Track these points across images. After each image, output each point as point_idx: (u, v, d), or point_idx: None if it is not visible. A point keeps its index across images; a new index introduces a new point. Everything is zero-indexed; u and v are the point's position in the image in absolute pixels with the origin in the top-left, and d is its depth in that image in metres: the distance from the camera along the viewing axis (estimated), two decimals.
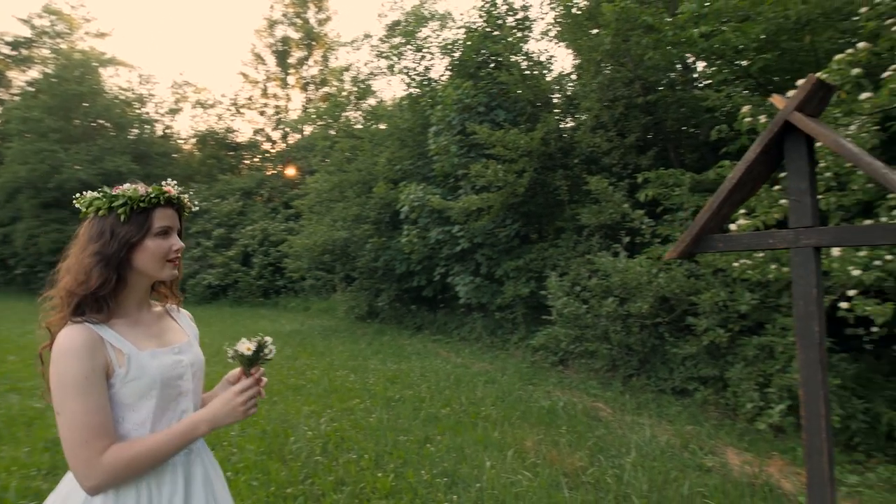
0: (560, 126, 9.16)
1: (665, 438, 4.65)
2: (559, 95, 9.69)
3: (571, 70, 9.73)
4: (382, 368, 7.53)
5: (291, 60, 28.52)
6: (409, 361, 8.04)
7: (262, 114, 28.81)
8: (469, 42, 10.03)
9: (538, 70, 9.81)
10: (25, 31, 28.50)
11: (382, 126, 14.09)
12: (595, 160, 8.42)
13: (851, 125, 3.79)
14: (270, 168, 26.64)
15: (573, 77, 9.59)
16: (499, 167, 8.23)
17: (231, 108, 28.56)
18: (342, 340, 10.16)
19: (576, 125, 9.13)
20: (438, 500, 3.43)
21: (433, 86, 11.89)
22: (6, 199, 23.60)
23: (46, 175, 22.10)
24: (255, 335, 1.42)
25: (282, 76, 28.74)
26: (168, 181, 1.42)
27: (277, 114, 28.72)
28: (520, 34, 10.03)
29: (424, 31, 12.51)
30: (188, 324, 1.56)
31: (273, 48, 28.24)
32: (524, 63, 9.88)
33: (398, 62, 12.84)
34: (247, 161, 28.53)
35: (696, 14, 5.78)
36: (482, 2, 10.06)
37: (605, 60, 7.88)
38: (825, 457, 1.68)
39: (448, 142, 9.54)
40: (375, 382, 6.68)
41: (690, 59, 7.69)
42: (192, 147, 28.63)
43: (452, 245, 9.65)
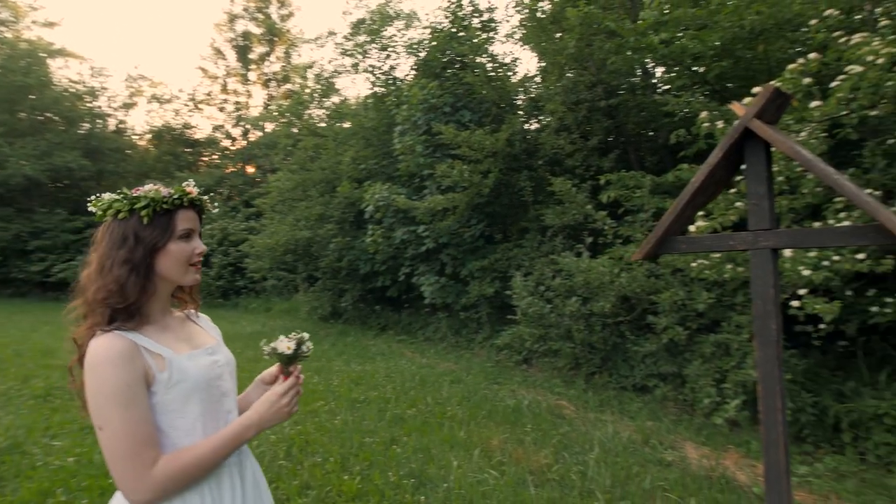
0: (524, 128, 9.27)
1: (627, 434, 4.76)
2: (524, 97, 9.80)
3: (536, 73, 9.86)
4: (347, 369, 7.46)
5: (252, 56, 27.97)
6: (374, 362, 7.99)
7: (222, 110, 28.16)
8: (435, 42, 10.04)
9: (503, 72, 9.90)
10: None
11: (347, 124, 13.95)
12: (559, 162, 8.56)
13: (802, 132, 3.97)
14: (230, 166, 26.02)
15: (537, 80, 9.71)
16: (464, 167, 8.27)
17: (189, 104, 27.81)
18: None
19: (540, 127, 9.25)
20: (406, 502, 3.42)
21: (398, 85, 11.85)
22: None
23: None
24: (294, 332, 1.40)
25: (242, 72, 28.15)
26: (189, 182, 1.35)
27: (238, 110, 28.11)
28: (485, 36, 10.10)
29: (389, 30, 12.47)
30: (211, 326, 1.52)
31: (233, 43, 27.63)
32: (489, 64, 9.96)
33: (363, 60, 12.75)
34: (205, 158, 27.81)
35: (657, 21, 5.95)
36: (448, 2, 10.09)
37: (569, 64, 8.02)
38: (781, 449, 1.75)
39: (413, 141, 9.53)
40: (340, 384, 6.61)
41: (650, 65, 7.91)
42: (148, 143, 27.71)
43: (417, 245, 9.64)
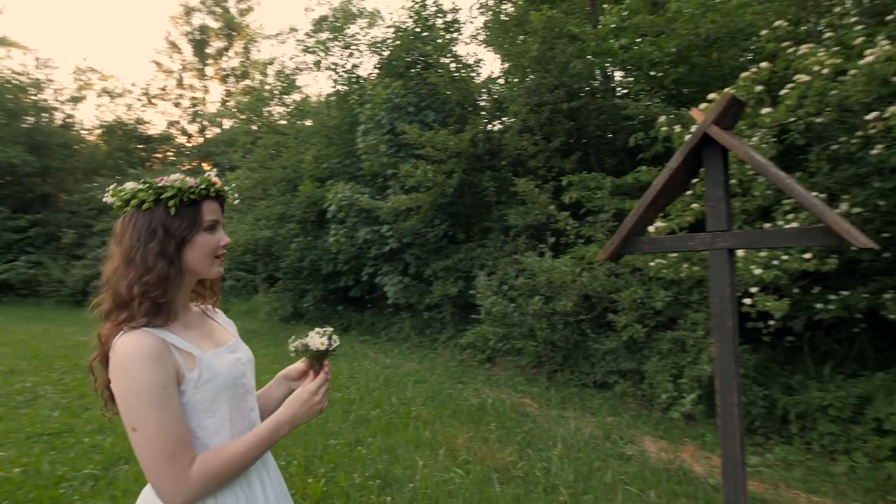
0: (488, 128, 9.35)
1: (588, 430, 4.87)
2: (487, 98, 9.88)
3: (499, 74, 9.96)
4: None
5: (210, 51, 27.26)
6: (337, 363, 7.91)
7: (178, 105, 27.36)
8: (398, 42, 10.01)
9: (467, 73, 9.96)
10: None
11: (308, 123, 13.76)
12: (522, 162, 8.67)
13: (754, 137, 4.15)
14: (186, 163, 25.26)
15: (500, 81, 9.81)
16: (428, 167, 8.28)
17: (142, 99, 26.87)
18: (265, 343, 9.82)
19: (503, 128, 9.35)
20: (372, 503, 3.41)
21: (362, 84, 11.76)
22: None
23: None
24: (323, 328, 1.38)
25: (199, 66, 27.38)
26: (212, 171, 1.32)
27: (194, 106, 27.34)
28: (449, 36, 10.13)
29: (352, 28, 12.36)
30: (227, 321, 1.47)
31: (190, 37, 26.86)
32: (453, 65, 10.00)
33: (325, 58, 12.60)
34: (159, 155, 26.92)
35: (616, 27, 6.11)
36: (412, 2, 10.08)
37: (532, 67, 8.13)
38: (737, 441, 1.83)
39: (377, 141, 9.47)
40: None
41: (610, 70, 8.10)
42: (98, 138, 26.61)
43: (381, 245, 9.60)
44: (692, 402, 4.87)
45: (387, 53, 10.50)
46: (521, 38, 8.09)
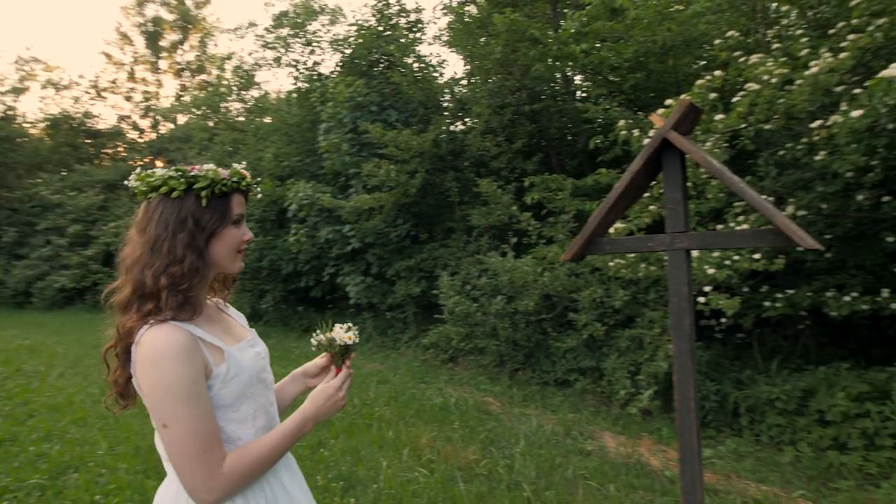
0: (451, 129, 9.39)
1: (550, 427, 4.96)
2: (450, 99, 9.92)
3: (462, 76, 10.01)
4: None
5: (164, 43, 26.36)
6: (298, 364, 7.75)
7: (129, 99, 26.32)
8: (361, 40, 9.94)
9: (430, 73, 9.97)
10: None
11: (268, 120, 13.49)
12: (484, 163, 8.74)
13: (707, 142, 4.31)
14: (138, 159, 24.34)
15: (464, 82, 9.87)
16: (391, 167, 8.26)
17: (91, 91, 25.73)
18: None
19: (466, 129, 9.41)
20: None
21: (323, 82, 11.62)
22: None
23: None
24: (344, 324, 1.37)
25: (152, 59, 26.44)
26: (242, 164, 1.27)
27: (147, 100, 26.38)
28: (412, 36, 10.12)
29: (314, 25, 12.20)
30: (238, 314, 1.44)
31: (142, 28, 25.89)
32: (416, 65, 9.99)
33: (285, 54, 12.40)
34: (109, 150, 25.84)
35: (577, 32, 6.24)
36: (375, 0, 10.02)
37: (495, 69, 8.21)
38: (694, 433, 1.91)
39: (339, 139, 9.38)
40: None
41: (570, 73, 8.27)
42: (42, 132, 25.33)
43: (343, 245, 9.50)
44: (649, 398, 5.02)
45: (349, 51, 10.40)
46: (484, 40, 8.16)
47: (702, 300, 4.38)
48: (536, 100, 8.33)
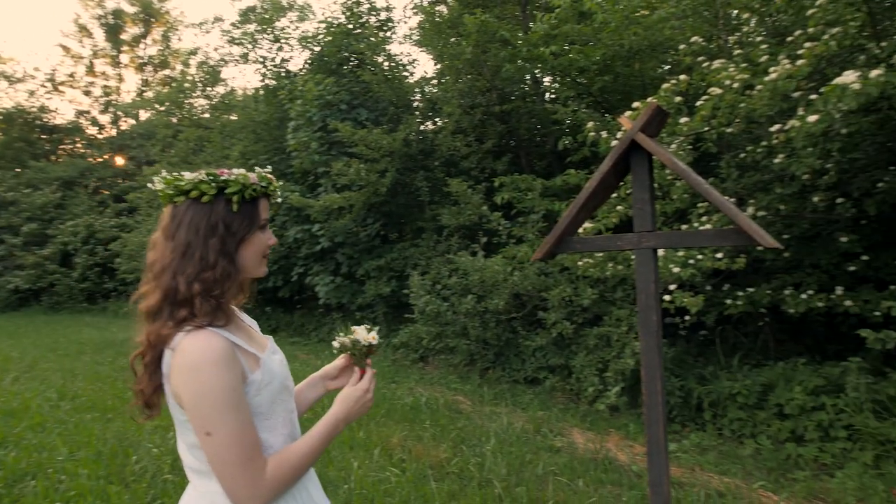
0: (421, 128, 9.39)
1: (520, 425, 5.01)
2: (421, 99, 9.92)
3: (433, 75, 10.02)
4: None
5: (125, 37, 25.57)
6: None
7: (88, 94, 25.45)
8: (330, 38, 9.84)
9: (400, 72, 9.94)
10: None
11: (234, 117, 13.24)
12: (455, 163, 8.77)
13: (672, 144, 4.42)
14: (97, 156, 23.56)
15: (434, 82, 9.88)
16: (361, 166, 8.21)
17: (47, 85, 24.75)
18: None
19: (437, 128, 9.43)
20: None
21: (292, 79, 11.47)
22: None
23: None
24: (364, 324, 1.37)
25: (113, 53, 25.63)
26: (267, 168, 1.25)
27: (107, 95, 25.55)
28: (382, 35, 10.08)
29: (282, 21, 12.02)
30: (251, 320, 1.40)
31: (102, 21, 25.06)
32: (387, 64, 9.95)
33: (253, 51, 12.19)
34: (67, 146, 24.93)
35: (547, 34, 6.32)
36: None
37: (465, 69, 8.25)
38: (661, 427, 1.96)
39: (308, 138, 9.27)
40: None
41: (540, 75, 8.36)
42: None
43: (312, 244, 9.41)
44: (616, 395, 5.12)
45: (318, 49, 10.30)
46: (455, 41, 8.19)
47: (667, 298, 4.49)
48: (506, 100, 8.40)
